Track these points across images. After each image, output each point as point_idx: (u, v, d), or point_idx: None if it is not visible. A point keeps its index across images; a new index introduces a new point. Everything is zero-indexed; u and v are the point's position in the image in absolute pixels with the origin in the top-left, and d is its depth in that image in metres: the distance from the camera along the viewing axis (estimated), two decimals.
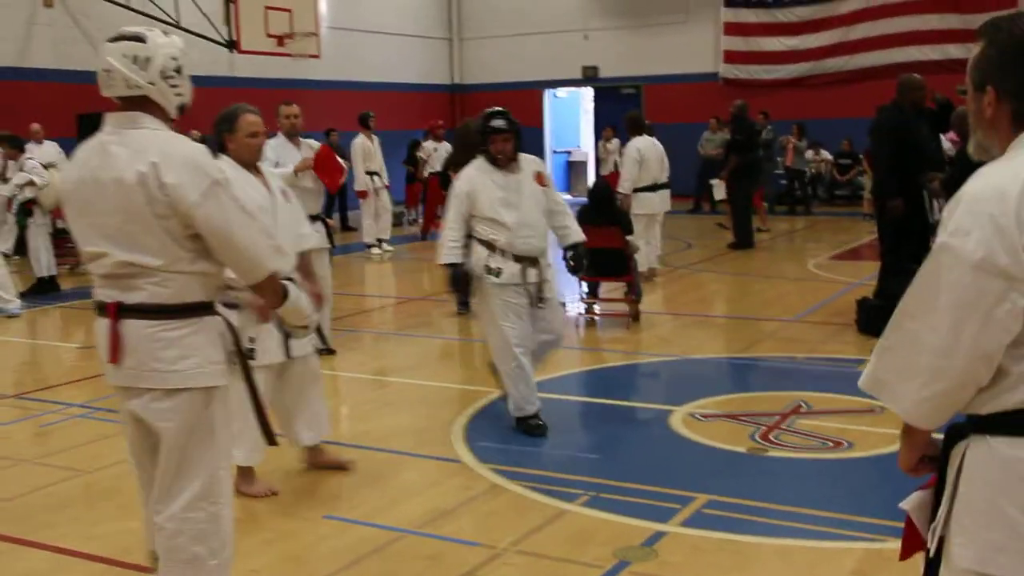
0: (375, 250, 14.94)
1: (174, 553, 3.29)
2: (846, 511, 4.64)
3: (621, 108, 21.73)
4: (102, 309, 3.25)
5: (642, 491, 5.03)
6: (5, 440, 6.20)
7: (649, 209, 11.60)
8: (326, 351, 6.91)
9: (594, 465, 5.53)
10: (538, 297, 5.94)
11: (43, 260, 11.85)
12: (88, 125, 14.67)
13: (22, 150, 12.32)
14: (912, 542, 2.34)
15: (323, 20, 19.70)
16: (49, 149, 14.61)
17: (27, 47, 16.24)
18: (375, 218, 15.01)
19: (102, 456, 5.74)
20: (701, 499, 4.82)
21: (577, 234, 6.13)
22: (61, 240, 14.26)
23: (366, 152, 14.57)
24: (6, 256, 11.33)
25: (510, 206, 5.84)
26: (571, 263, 6.15)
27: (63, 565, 4.30)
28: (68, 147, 14.51)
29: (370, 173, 14.63)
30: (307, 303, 3.52)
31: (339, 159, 8.24)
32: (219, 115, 5.06)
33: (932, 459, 2.26)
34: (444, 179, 10.05)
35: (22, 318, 10.39)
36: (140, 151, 3.12)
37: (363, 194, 14.66)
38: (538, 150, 24.27)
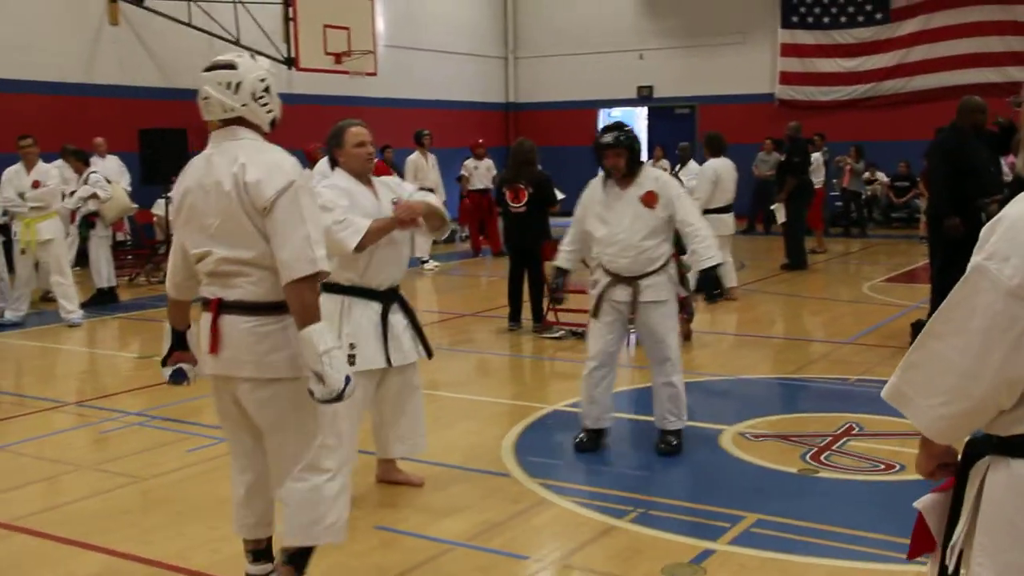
0: (428, 264, 15.03)
1: (287, 522, 3.67)
2: (897, 534, 4.58)
3: (675, 128, 21.77)
4: (206, 305, 3.61)
5: (691, 509, 5.03)
6: (65, 447, 6.35)
7: (726, 230, 11.50)
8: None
9: (644, 482, 5.53)
10: (629, 319, 5.91)
11: (103, 272, 12.10)
12: (149, 140, 15.10)
13: (87, 163, 12.62)
14: (921, 542, 2.34)
15: (380, 38, 19.95)
16: (111, 163, 14.95)
17: (92, 63, 16.62)
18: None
19: (158, 464, 5.85)
20: (750, 518, 4.81)
21: (704, 259, 5.90)
22: (120, 252, 14.58)
23: (418, 169, 14.70)
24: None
25: (604, 222, 5.88)
26: (700, 289, 5.93)
27: (118, 568, 4.39)
28: (130, 162, 14.90)
29: (423, 190, 14.71)
30: (334, 357, 3.44)
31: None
32: (330, 132, 5.13)
33: (949, 465, 2.28)
34: (499, 196, 10.09)
35: (83, 328, 10.61)
36: (234, 157, 3.50)
37: None
38: (592, 169, 24.31)
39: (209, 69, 3.61)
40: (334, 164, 5.12)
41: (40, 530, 4.82)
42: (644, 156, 6.26)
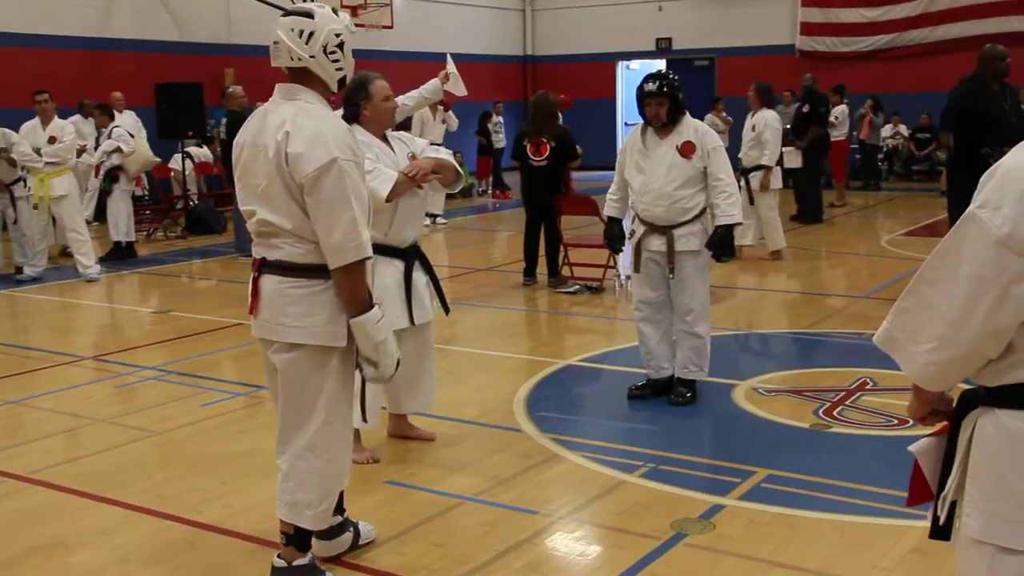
0: (438, 221, 14.98)
1: (281, 495, 3.64)
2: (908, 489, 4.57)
3: (694, 80, 21.47)
4: (253, 263, 3.59)
5: (702, 464, 5.03)
6: (82, 401, 6.40)
7: (777, 184, 11.42)
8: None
9: (655, 437, 5.53)
10: (669, 269, 5.90)
11: (122, 226, 12.13)
12: (165, 95, 15.12)
13: (112, 118, 12.62)
14: (920, 490, 2.34)
15: None
16: (128, 118, 14.94)
17: (108, 17, 16.57)
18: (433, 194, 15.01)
19: (173, 418, 5.90)
20: (761, 473, 4.81)
21: (724, 215, 5.80)
22: (138, 207, 14.62)
23: (425, 124, 14.62)
24: (87, 222, 11.64)
25: (641, 171, 5.88)
26: (708, 244, 5.88)
27: (132, 520, 4.44)
28: (146, 116, 14.88)
29: (433, 145, 14.65)
30: (387, 344, 3.51)
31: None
32: (351, 84, 4.78)
33: (941, 412, 2.27)
34: (518, 149, 10.00)
35: (101, 283, 10.68)
36: (283, 121, 3.39)
37: None
38: (611, 121, 24.19)
39: (286, 15, 3.52)
40: (355, 118, 4.90)
41: (56, 483, 4.88)
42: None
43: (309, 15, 3.47)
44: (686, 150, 5.77)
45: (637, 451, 5.23)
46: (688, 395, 5.96)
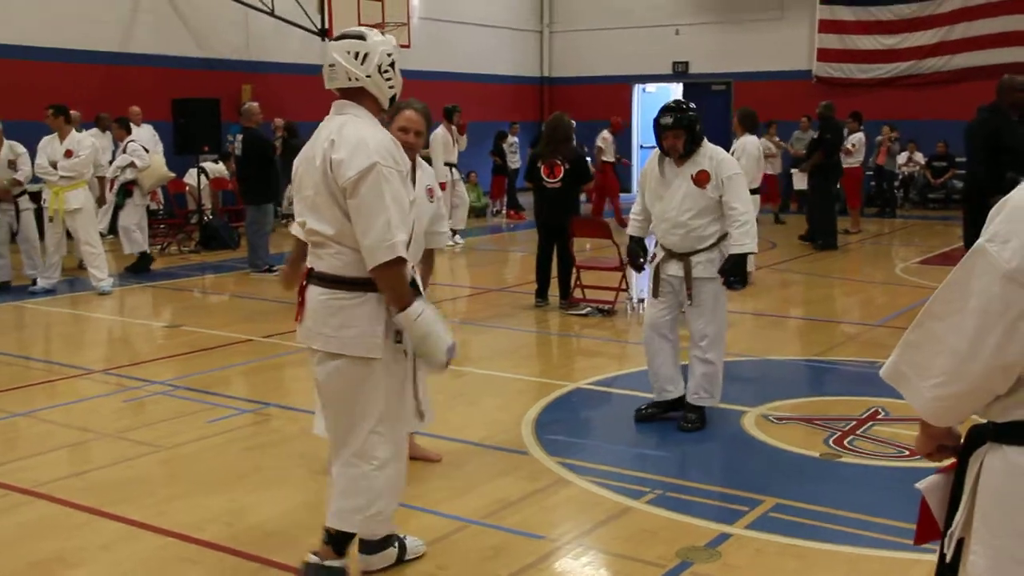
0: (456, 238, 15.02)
1: (331, 501, 3.78)
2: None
3: (711, 104, 21.52)
4: (303, 274, 3.76)
5: (709, 491, 4.98)
6: (90, 414, 6.39)
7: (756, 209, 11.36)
8: None
9: (663, 463, 5.49)
10: (688, 295, 5.92)
11: (137, 237, 12.17)
12: (182, 110, 15.17)
13: (129, 131, 12.69)
14: (927, 528, 2.31)
15: (414, 10, 19.88)
16: (145, 132, 15.03)
17: (129, 33, 16.68)
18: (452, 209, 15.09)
19: (181, 433, 5.89)
20: (769, 502, 4.76)
21: (736, 244, 5.74)
22: (153, 221, 14.67)
23: (446, 144, 14.65)
24: (102, 235, 11.67)
25: (659, 198, 5.95)
26: (720, 271, 5.85)
27: (134, 536, 4.41)
28: (163, 131, 14.95)
29: (449, 165, 14.71)
30: (431, 338, 3.58)
31: None
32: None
33: (949, 448, 2.25)
34: (532, 170, 9.98)
35: (114, 296, 10.70)
36: (331, 132, 3.60)
37: (443, 185, 14.66)
38: (626, 145, 24.19)
39: (338, 38, 3.70)
40: None
41: (60, 497, 4.86)
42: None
43: (362, 37, 3.69)
44: (701, 179, 5.78)
45: (645, 477, 5.18)
46: (696, 421, 5.93)
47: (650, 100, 24.80)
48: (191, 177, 15.22)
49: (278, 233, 13.98)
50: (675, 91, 24.29)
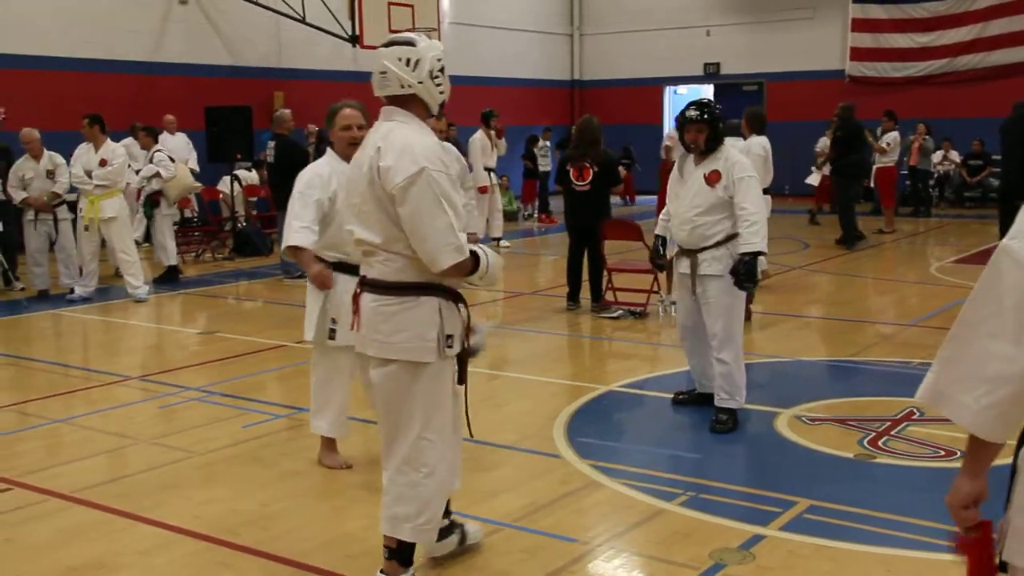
0: (503, 243, 15.16)
1: (383, 509, 3.79)
2: (953, 523, 4.47)
3: (743, 105, 21.33)
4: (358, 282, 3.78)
5: (742, 493, 4.96)
6: (128, 420, 6.47)
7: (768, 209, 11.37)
8: None
9: (695, 465, 5.47)
10: (692, 290, 6.04)
11: (169, 248, 12.30)
12: (215, 118, 15.30)
13: (156, 140, 12.82)
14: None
15: (445, 15, 19.96)
16: (179, 140, 15.20)
17: (161, 42, 16.87)
18: (491, 215, 15.14)
19: (215, 439, 5.94)
20: (803, 504, 4.73)
21: (745, 243, 5.75)
22: (187, 229, 14.82)
23: (484, 149, 14.72)
24: (137, 243, 11.81)
25: (676, 195, 6.09)
26: (731, 271, 5.86)
27: (169, 541, 4.46)
28: (196, 139, 15.11)
29: (488, 170, 14.79)
30: (499, 261, 3.75)
31: None
32: (328, 112, 5.37)
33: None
34: (561, 173, 10.00)
35: (149, 303, 10.82)
36: (378, 139, 3.60)
37: (483, 189, 14.70)
38: (657, 147, 24.11)
39: (388, 45, 3.67)
40: (329, 144, 5.37)
41: (98, 502, 4.93)
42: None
43: (411, 43, 3.66)
44: (711, 178, 5.87)
45: (677, 479, 5.18)
46: (726, 422, 5.93)
47: (681, 102, 24.68)
48: (224, 184, 15.35)
49: None
50: (706, 92, 24.20)
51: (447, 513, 4.12)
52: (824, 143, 18.00)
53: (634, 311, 9.53)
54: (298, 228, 5.12)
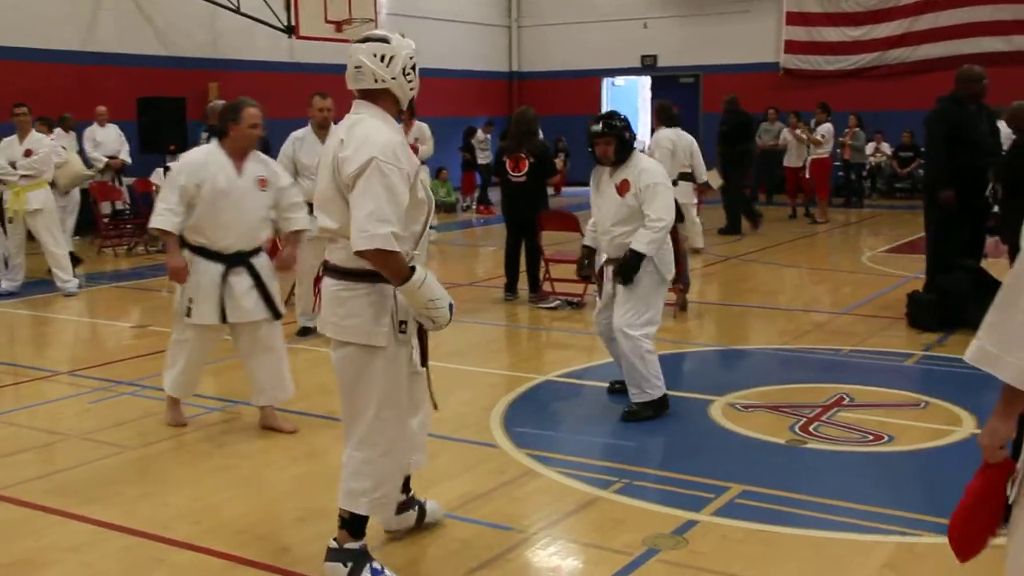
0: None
1: (342, 482, 3.89)
2: (882, 505, 4.58)
3: (679, 97, 21.59)
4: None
5: (676, 480, 5.02)
6: (57, 415, 6.35)
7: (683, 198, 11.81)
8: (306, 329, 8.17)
9: (630, 453, 5.52)
10: (612, 294, 6.11)
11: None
12: (148, 109, 15.02)
13: (51, 131, 12.49)
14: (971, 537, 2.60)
15: (382, 6, 19.82)
16: (111, 132, 14.91)
17: (92, 31, 16.54)
18: None
19: (148, 433, 5.87)
20: (735, 489, 4.80)
21: (635, 242, 5.84)
22: (120, 221, 14.56)
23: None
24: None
25: (596, 206, 6.17)
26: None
27: (100, 537, 4.39)
28: (128, 130, 14.84)
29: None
30: (429, 294, 3.69)
31: None
32: (226, 106, 5.75)
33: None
34: (498, 165, 10.01)
35: (79, 297, 10.63)
36: (342, 132, 3.76)
37: None
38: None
39: (362, 41, 3.81)
40: (222, 136, 5.64)
41: (25, 499, 4.83)
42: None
43: (386, 40, 3.81)
44: (622, 188, 5.96)
45: (613, 466, 5.22)
46: (636, 412, 5.97)
47: (619, 93, 24.88)
48: (157, 176, 15.08)
49: None
50: (644, 84, 24.39)
51: (406, 489, 4.28)
52: (769, 134, 18.28)
53: (571, 301, 9.58)
54: (161, 211, 5.63)
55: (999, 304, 2.38)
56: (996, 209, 8.43)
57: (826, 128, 16.63)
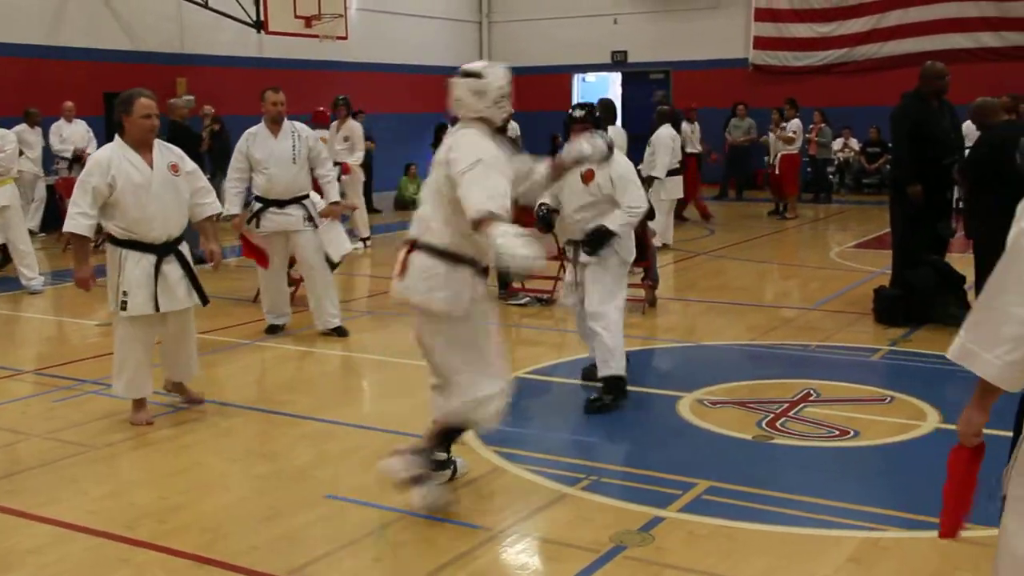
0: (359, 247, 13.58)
1: (444, 407, 4.65)
2: (847, 500, 4.61)
3: (649, 93, 21.64)
4: (407, 242, 4.54)
5: (644, 476, 5.03)
6: (20, 414, 6.28)
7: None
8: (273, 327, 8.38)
9: (598, 450, 5.53)
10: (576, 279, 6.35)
11: None
12: (114, 103, 14.84)
13: None
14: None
15: (351, 2, 19.72)
16: (79, 128, 14.78)
17: (57, 26, 16.35)
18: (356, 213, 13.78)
19: (112, 432, 5.81)
20: (702, 485, 4.81)
21: (609, 219, 6.06)
22: None
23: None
24: (32, 233, 11.44)
25: (561, 189, 6.22)
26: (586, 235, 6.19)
27: (64, 538, 4.35)
28: (95, 126, 14.70)
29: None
30: (519, 250, 4.08)
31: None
32: (119, 98, 5.75)
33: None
34: None
35: (45, 295, 10.51)
36: (450, 140, 4.46)
37: (345, 168, 13.41)
38: (563, 136, 24.23)
39: (463, 76, 4.51)
40: (121, 130, 5.72)
41: None
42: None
43: (481, 76, 4.49)
44: (587, 177, 6.10)
45: (580, 463, 5.22)
46: (597, 401, 6.07)
47: (589, 90, 24.85)
48: None
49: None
50: (614, 80, 24.41)
51: (447, 448, 4.78)
52: (739, 130, 18.37)
53: (541, 298, 9.58)
54: (73, 214, 5.65)
55: (980, 303, 2.50)
56: (958, 207, 8.54)
57: (795, 124, 16.71)
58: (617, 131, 11.62)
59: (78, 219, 5.65)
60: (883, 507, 4.52)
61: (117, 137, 5.76)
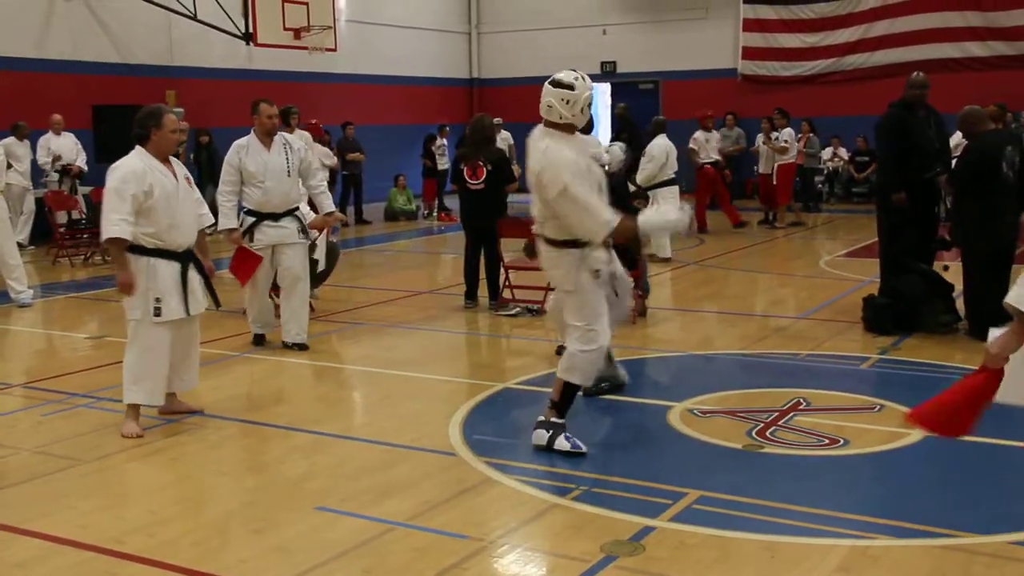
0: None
1: (559, 368, 5.62)
2: (836, 508, 4.62)
3: (639, 103, 21.70)
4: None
5: (634, 486, 5.02)
6: (9, 429, 6.26)
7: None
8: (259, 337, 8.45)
9: (589, 460, 5.51)
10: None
11: None
12: (103, 117, 14.86)
13: None
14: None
15: (340, 13, 19.76)
16: (67, 141, 14.78)
17: (45, 39, 16.34)
18: None
19: (102, 446, 5.79)
20: (692, 495, 4.82)
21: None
22: (76, 231, 14.39)
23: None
24: (21, 246, 11.41)
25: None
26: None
27: (52, 552, 4.33)
28: (84, 138, 14.69)
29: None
30: (668, 219, 5.68)
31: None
32: (145, 112, 5.96)
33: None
34: (456, 172, 10.02)
35: (34, 308, 10.48)
36: (539, 151, 5.30)
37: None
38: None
39: (554, 84, 5.31)
40: (144, 140, 5.86)
41: None
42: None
43: (571, 87, 5.28)
44: None
45: (570, 474, 5.22)
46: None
47: None
48: None
49: None
50: (603, 91, 24.46)
51: (609, 360, 6.15)
52: (729, 140, 18.41)
53: (532, 308, 9.58)
54: (116, 221, 5.72)
55: None
56: (944, 215, 8.58)
57: (788, 133, 16.74)
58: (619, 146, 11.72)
59: (121, 224, 5.72)
60: (873, 515, 4.53)
61: (139, 148, 5.88)
